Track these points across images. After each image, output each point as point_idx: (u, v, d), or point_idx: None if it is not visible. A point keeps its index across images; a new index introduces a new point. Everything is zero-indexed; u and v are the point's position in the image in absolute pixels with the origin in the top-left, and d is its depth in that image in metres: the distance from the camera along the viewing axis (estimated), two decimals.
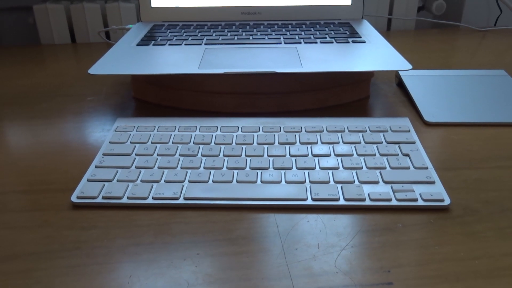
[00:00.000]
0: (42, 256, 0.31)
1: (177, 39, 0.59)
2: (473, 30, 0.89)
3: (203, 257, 0.31)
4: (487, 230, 0.33)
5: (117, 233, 0.34)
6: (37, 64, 0.73)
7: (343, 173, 0.39)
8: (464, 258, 0.31)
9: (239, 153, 0.42)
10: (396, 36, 0.86)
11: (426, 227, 0.34)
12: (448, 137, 0.47)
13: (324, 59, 0.50)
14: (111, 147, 0.43)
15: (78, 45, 0.84)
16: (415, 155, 0.41)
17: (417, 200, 0.36)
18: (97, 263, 0.31)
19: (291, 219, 0.35)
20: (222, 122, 0.47)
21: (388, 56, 0.51)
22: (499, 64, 0.69)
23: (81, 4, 0.83)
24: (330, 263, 0.30)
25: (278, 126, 0.46)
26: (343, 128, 0.45)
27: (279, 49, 0.54)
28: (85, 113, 0.54)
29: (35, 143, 0.47)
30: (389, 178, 0.38)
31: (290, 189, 0.37)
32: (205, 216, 0.35)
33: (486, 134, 0.47)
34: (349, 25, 0.65)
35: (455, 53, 0.75)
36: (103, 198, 0.37)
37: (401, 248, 0.32)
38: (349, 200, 0.36)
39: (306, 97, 0.53)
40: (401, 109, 0.53)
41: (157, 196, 0.37)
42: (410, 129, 0.45)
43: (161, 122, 0.47)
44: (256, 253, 0.31)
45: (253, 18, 0.68)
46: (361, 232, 0.33)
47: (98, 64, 0.50)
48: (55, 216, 0.36)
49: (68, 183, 0.40)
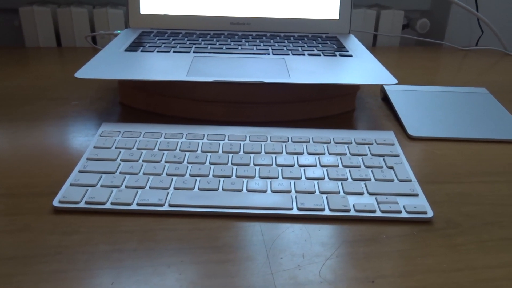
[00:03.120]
0: (23, 261, 0.31)
1: (166, 46, 0.59)
2: (455, 49, 0.91)
3: (187, 265, 0.31)
4: (469, 243, 0.34)
5: (100, 239, 0.33)
6: (22, 67, 0.72)
7: (328, 183, 0.39)
8: (447, 270, 0.31)
9: (225, 161, 0.42)
10: (381, 52, 0.87)
11: (410, 239, 0.34)
12: (431, 151, 0.47)
13: (311, 71, 0.51)
14: (95, 152, 0.43)
15: (64, 49, 0.83)
16: (399, 168, 0.42)
17: (401, 212, 0.36)
18: (79, 269, 0.30)
19: (276, 228, 0.35)
20: (209, 130, 0.47)
21: (374, 71, 0.52)
22: (481, 82, 0.70)
23: (68, 8, 0.83)
24: (315, 272, 0.30)
25: (265, 135, 0.46)
26: (329, 140, 0.46)
27: (267, 59, 0.55)
28: (70, 117, 0.53)
29: (17, 146, 0.46)
30: (374, 190, 0.38)
31: (276, 198, 0.37)
32: (190, 224, 0.35)
33: (468, 149, 0.48)
34: (336, 39, 0.66)
35: (438, 71, 0.76)
36: (86, 203, 0.36)
37: (385, 258, 0.32)
38: (334, 210, 0.36)
39: (293, 108, 0.53)
40: (386, 123, 0.54)
41: (141, 202, 0.36)
42: (395, 142, 0.46)
43: (147, 129, 0.47)
44: (241, 261, 0.31)
45: (242, 28, 0.69)
46: (345, 242, 0.33)
47: (85, 68, 0.49)
48: (37, 220, 0.35)
49: (50, 187, 0.39)
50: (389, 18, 0.91)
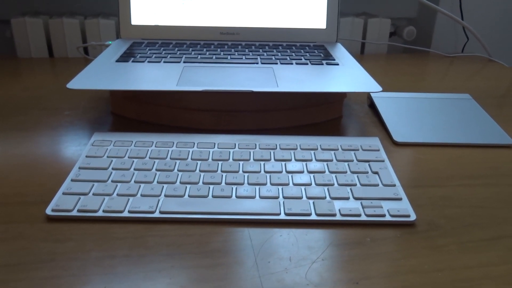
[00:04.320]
0: (17, 268, 0.31)
1: (156, 57, 0.60)
2: (441, 56, 0.93)
3: (178, 270, 0.32)
4: (450, 244, 0.35)
5: (92, 246, 0.34)
6: (14, 77, 0.73)
7: (315, 189, 0.40)
8: (428, 271, 0.32)
9: (215, 168, 0.43)
10: (369, 60, 0.89)
11: (393, 241, 0.35)
12: (416, 156, 0.49)
13: (299, 80, 0.52)
14: (87, 161, 0.44)
15: (56, 59, 0.84)
16: (384, 173, 0.43)
17: (385, 215, 0.37)
18: (72, 275, 0.31)
19: (264, 233, 0.36)
20: (199, 139, 0.48)
21: (360, 79, 0.54)
22: (465, 88, 0.72)
23: (60, 19, 0.84)
24: (301, 275, 0.31)
25: (253, 143, 0.47)
26: (316, 146, 0.47)
27: (256, 69, 0.56)
28: (62, 127, 0.54)
29: (10, 156, 0.47)
30: (359, 195, 0.40)
31: (264, 204, 0.38)
32: (180, 230, 0.36)
33: (451, 154, 0.49)
34: (323, 48, 0.67)
35: (424, 77, 0.78)
36: (78, 211, 0.37)
37: (369, 261, 0.33)
38: (320, 215, 0.37)
39: (281, 116, 0.54)
40: (372, 129, 0.55)
41: (133, 209, 0.37)
42: (380, 148, 0.47)
43: (139, 137, 0.48)
44: (230, 265, 0.32)
45: (232, 38, 0.70)
46: (331, 246, 0.34)
47: (77, 78, 0.50)
48: (30, 228, 0.36)
49: (43, 196, 0.40)
50: (376, 26, 0.93)
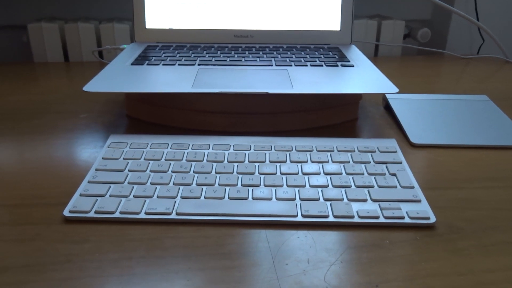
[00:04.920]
0: (34, 269, 0.32)
1: (171, 60, 0.60)
2: (456, 58, 0.92)
3: (194, 271, 0.32)
4: (470, 247, 0.34)
5: (109, 247, 0.34)
6: (30, 82, 0.74)
7: (332, 191, 0.40)
8: (449, 274, 0.32)
9: (230, 170, 0.43)
10: (383, 62, 0.88)
11: (413, 244, 0.35)
12: (433, 158, 0.48)
13: (314, 81, 0.52)
14: (104, 163, 0.44)
15: (71, 63, 0.85)
16: (402, 175, 0.42)
17: (404, 218, 0.37)
18: (89, 276, 0.31)
19: (281, 235, 0.35)
20: (214, 140, 0.48)
21: (376, 80, 0.53)
22: (481, 90, 0.71)
23: (75, 24, 0.85)
24: (319, 277, 0.31)
25: (269, 145, 0.47)
26: (333, 148, 0.47)
27: (270, 71, 0.56)
28: (78, 130, 0.55)
29: (27, 159, 0.47)
30: (377, 197, 0.39)
31: (281, 206, 0.38)
32: (197, 231, 0.36)
33: (470, 156, 0.49)
34: (338, 49, 0.67)
35: (440, 79, 0.77)
36: (95, 212, 0.37)
37: (388, 263, 0.32)
38: (338, 217, 0.37)
39: (296, 118, 0.54)
40: (388, 131, 0.55)
41: (149, 211, 0.37)
42: (397, 150, 0.47)
43: (154, 140, 0.48)
44: (247, 267, 0.32)
45: (245, 41, 0.70)
46: (349, 248, 0.34)
47: (93, 81, 0.51)
48: (47, 229, 0.36)
49: (60, 198, 0.40)
50: (390, 28, 0.92)
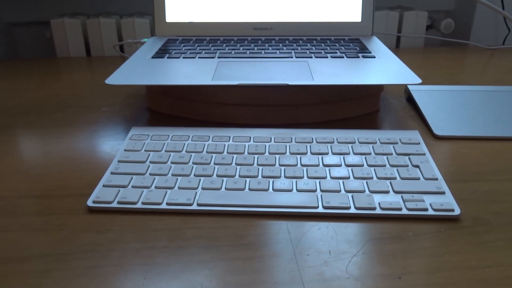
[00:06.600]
0: (59, 257, 0.32)
1: (191, 53, 0.60)
2: (481, 49, 0.90)
3: (216, 261, 0.32)
4: (497, 240, 0.33)
5: (131, 237, 0.34)
6: (53, 76, 0.75)
7: (353, 182, 0.39)
8: (475, 267, 0.31)
9: (251, 162, 0.43)
10: (405, 53, 0.87)
11: (436, 236, 0.34)
12: (457, 150, 0.47)
13: (335, 73, 0.51)
14: (126, 154, 0.44)
15: (93, 58, 0.86)
16: (425, 167, 0.42)
17: (427, 209, 0.36)
18: (112, 265, 0.31)
19: (302, 226, 0.35)
20: (234, 132, 0.48)
21: (398, 71, 0.52)
22: (508, 81, 0.69)
23: (97, 19, 0.86)
24: (341, 268, 0.31)
25: (289, 136, 0.47)
26: (354, 140, 0.46)
27: (290, 63, 0.56)
28: (100, 123, 0.55)
29: (50, 151, 0.48)
30: (399, 188, 0.39)
31: (302, 197, 0.38)
32: (217, 222, 0.36)
33: (494, 147, 0.47)
34: (359, 41, 0.66)
35: (464, 70, 0.75)
36: (118, 203, 0.38)
37: (411, 255, 0.32)
38: (359, 208, 0.36)
39: (316, 110, 0.54)
40: (411, 123, 0.54)
41: (171, 202, 0.37)
42: (420, 142, 0.46)
43: (175, 132, 0.48)
44: (268, 258, 0.32)
45: (265, 33, 0.70)
46: (371, 240, 0.34)
47: (115, 74, 0.51)
48: (71, 219, 0.37)
49: (83, 189, 0.41)
50: (412, 19, 0.90)
